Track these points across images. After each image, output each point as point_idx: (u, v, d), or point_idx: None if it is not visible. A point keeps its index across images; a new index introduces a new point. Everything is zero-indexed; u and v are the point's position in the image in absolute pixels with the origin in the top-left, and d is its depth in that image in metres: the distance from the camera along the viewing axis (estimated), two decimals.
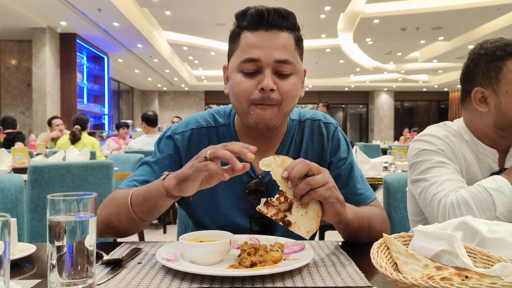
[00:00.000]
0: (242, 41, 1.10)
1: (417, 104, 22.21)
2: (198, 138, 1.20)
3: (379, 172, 3.27)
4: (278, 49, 1.07)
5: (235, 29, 1.13)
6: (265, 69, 1.06)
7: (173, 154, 1.19)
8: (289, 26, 1.10)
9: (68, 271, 0.63)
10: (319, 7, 9.06)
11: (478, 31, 10.78)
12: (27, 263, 0.91)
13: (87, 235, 0.65)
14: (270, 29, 1.08)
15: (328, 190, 0.90)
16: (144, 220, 1.06)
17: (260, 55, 1.06)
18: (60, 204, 0.65)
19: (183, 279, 0.79)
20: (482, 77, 1.28)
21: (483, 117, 1.31)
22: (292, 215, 0.90)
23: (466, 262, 0.68)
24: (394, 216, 1.69)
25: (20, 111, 10.56)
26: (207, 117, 1.23)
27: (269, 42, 1.07)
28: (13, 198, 1.61)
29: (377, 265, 0.66)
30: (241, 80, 1.08)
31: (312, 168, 0.90)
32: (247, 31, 1.09)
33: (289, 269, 0.80)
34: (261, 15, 1.07)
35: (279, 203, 0.90)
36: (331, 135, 1.25)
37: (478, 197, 1.15)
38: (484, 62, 1.28)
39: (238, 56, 1.09)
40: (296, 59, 1.10)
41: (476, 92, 1.30)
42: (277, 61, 1.06)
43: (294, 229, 0.91)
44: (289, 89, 1.08)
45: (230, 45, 1.15)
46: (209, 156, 0.89)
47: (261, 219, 1.20)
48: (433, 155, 1.30)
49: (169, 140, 1.21)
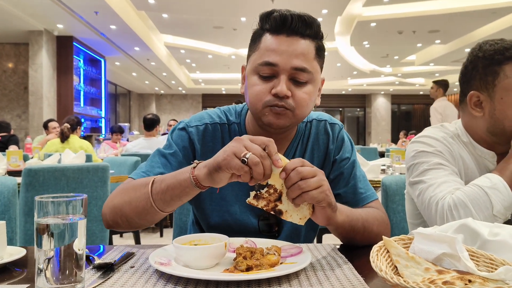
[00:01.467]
0: (262, 43, 1.08)
1: (414, 107, 22.26)
2: (212, 133, 1.19)
3: (377, 175, 3.26)
4: (297, 56, 1.05)
5: (257, 29, 1.12)
6: (281, 74, 1.05)
7: (187, 146, 1.17)
8: (311, 34, 1.08)
9: (56, 276, 0.61)
10: (316, 11, 9.08)
11: (474, 34, 10.82)
12: (16, 267, 0.89)
13: (76, 238, 0.63)
14: (291, 35, 1.06)
15: (322, 193, 0.89)
16: (162, 210, 1.00)
17: (277, 60, 1.05)
18: (48, 206, 0.63)
19: (176, 283, 0.77)
20: (479, 80, 1.26)
21: (477, 121, 1.29)
22: (282, 204, 0.90)
23: (469, 265, 0.66)
24: (393, 219, 1.68)
25: (17, 114, 10.51)
26: (219, 114, 1.23)
27: (289, 48, 1.05)
28: (5, 201, 1.59)
29: (377, 269, 0.64)
30: (256, 82, 1.08)
31: (306, 174, 0.88)
32: (269, 33, 1.08)
33: (286, 273, 0.78)
34: (284, 20, 1.05)
35: (269, 195, 0.89)
36: (336, 135, 1.26)
37: (474, 197, 1.13)
38: (482, 66, 1.26)
39: (256, 58, 1.08)
40: (314, 68, 1.09)
41: (471, 95, 1.28)
42: (294, 68, 1.05)
43: (286, 217, 0.90)
44: (303, 97, 1.07)
45: (251, 45, 1.14)
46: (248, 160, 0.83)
47: (267, 220, 1.20)
48: (431, 157, 1.28)
49: (182, 132, 1.19)
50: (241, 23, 9.92)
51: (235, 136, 1.17)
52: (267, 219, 1.20)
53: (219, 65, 15.16)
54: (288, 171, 0.87)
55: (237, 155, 0.84)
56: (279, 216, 0.90)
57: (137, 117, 20.55)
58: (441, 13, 9.26)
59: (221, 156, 0.87)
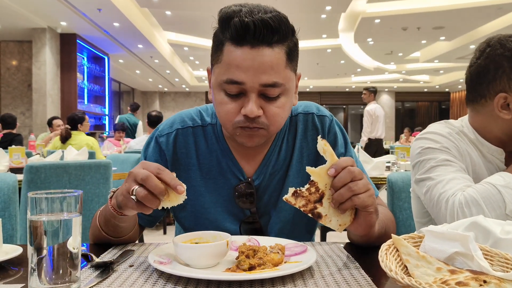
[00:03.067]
0: (225, 54, 0.95)
1: (418, 105, 22.14)
2: (184, 139, 1.12)
3: (382, 171, 3.23)
4: (265, 71, 0.92)
5: (218, 33, 0.98)
6: (249, 93, 0.94)
7: (159, 159, 1.12)
8: (280, 39, 0.93)
9: (49, 276, 0.58)
10: (320, 7, 9.03)
11: (480, 31, 10.74)
12: (12, 266, 0.86)
13: (71, 237, 0.60)
14: (256, 45, 0.91)
15: (370, 197, 0.82)
16: (118, 237, 1.01)
17: (243, 78, 0.92)
18: (42, 203, 0.60)
19: (176, 283, 0.74)
20: (508, 81, 1.18)
21: (501, 122, 1.22)
22: (323, 207, 0.82)
23: (483, 265, 0.62)
24: (399, 217, 1.64)
25: (20, 111, 10.53)
26: (194, 116, 1.15)
27: (255, 62, 0.91)
28: (6, 198, 1.57)
29: (386, 269, 0.60)
30: (224, 100, 0.97)
31: (357, 174, 0.81)
32: (231, 44, 0.93)
33: (290, 273, 0.75)
34: (246, 28, 0.90)
35: (309, 194, 0.82)
36: (327, 128, 1.16)
37: (487, 195, 1.09)
38: (509, 65, 1.17)
39: (220, 71, 0.96)
40: (286, 77, 0.96)
41: (499, 97, 1.19)
42: (263, 85, 0.93)
43: (324, 222, 0.83)
44: (276, 112, 0.97)
45: (213, 50, 1.00)
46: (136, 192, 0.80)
47: (251, 224, 1.13)
48: (438, 153, 1.24)
49: (154, 144, 1.13)
50: None
51: (211, 139, 1.13)
52: (251, 223, 1.12)
53: None
54: (339, 169, 0.81)
55: (129, 192, 0.81)
56: (316, 219, 0.83)
57: (141, 115, 20.54)
58: (446, 9, 9.19)
59: (119, 195, 0.85)
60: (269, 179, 1.13)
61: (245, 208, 1.12)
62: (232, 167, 1.11)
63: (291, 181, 1.13)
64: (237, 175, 1.11)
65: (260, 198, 1.12)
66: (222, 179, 1.11)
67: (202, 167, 1.12)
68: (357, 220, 0.86)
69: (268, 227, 1.14)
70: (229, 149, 1.11)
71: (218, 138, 1.12)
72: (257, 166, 1.12)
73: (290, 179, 1.13)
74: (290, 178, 1.13)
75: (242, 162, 1.12)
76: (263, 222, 1.14)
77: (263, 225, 1.14)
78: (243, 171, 1.11)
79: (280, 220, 1.13)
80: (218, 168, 1.11)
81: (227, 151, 1.11)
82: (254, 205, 1.12)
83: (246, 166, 1.12)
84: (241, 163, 1.12)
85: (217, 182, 1.11)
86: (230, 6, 0.95)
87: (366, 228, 0.87)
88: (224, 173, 1.11)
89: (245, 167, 1.12)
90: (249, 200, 1.11)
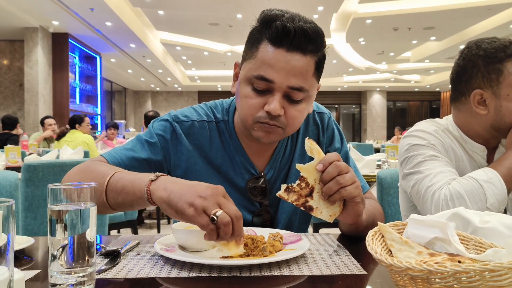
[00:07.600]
0: (260, 51, 1.01)
1: (409, 104, 22.34)
2: (199, 131, 1.16)
3: (373, 169, 3.30)
4: (295, 75, 0.99)
5: (256, 31, 1.04)
6: (276, 92, 1.00)
7: (168, 139, 1.13)
8: (314, 49, 1.01)
9: (69, 263, 0.64)
10: (312, 7, 9.10)
11: (470, 31, 10.89)
12: (24, 256, 0.92)
13: (89, 225, 0.66)
14: (292, 50, 0.98)
15: (357, 188, 0.90)
16: (112, 208, 0.96)
17: (274, 77, 0.99)
18: (61, 194, 0.66)
19: (181, 268, 0.81)
20: (482, 79, 1.27)
21: (479, 118, 1.31)
22: (313, 200, 0.89)
23: (459, 248, 0.70)
24: (388, 211, 1.72)
25: (12, 111, 10.46)
26: (207, 111, 1.20)
27: (287, 65, 0.98)
28: (8, 195, 1.61)
29: (372, 251, 0.67)
30: (250, 94, 1.03)
31: (343, 168, 0.89)
32: (269, 43, 1.00)
33: (285, 258, 0.82)
34: (286, 32, 0.97)
35: (300, 189, 0.89)
36: (326, 125, 1.25)
37: (470, 189, 1.17)
38: (483, 64, 1.26)
39: (252, 67, 1.02)
40: (311, 85, 1.04)
41: (475, 94, 1.29)
42: (290, 87, 1.00)
43: (316, 214, 0.90)
44: (296, 115, 1.04)
45: (248, 46, 1.06)
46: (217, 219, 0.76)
47: (261, 216, 1.19)
48: (425, 149, 1.32)
49: (167, 123, 1.15)
50: (237, 20, 9.92)
51: (224, 135, 1.16)
52: (260, 215, 1.19)
53: (215, 62, 15.15)
54: (326, 164, 0.88)
55: (207, 211, 0.78)
56: (308, 212, 0.90)
57: (133, 114, 20.52)
58: (436, 10, 9.31)
59: (186, 205, 0.78)
60: (278, 173, 1.21)
61: (257, 201, 1.19)
62: (245, 162, 1.17)
63: (294, 174, 1.21)
64: (249, 170, 1.18)
65: (271, 192, 1.19)
66: (234, 174, 1.17)
67: (214, 161, 1.16)
68: (345, 210, 0.93)
69: (277, 218, 1.21)
70: (241, 145, 1.18)
71: (231, 135, 1.18)
72: (266, 162, 1.20)
73: (293, 172, 1.21)
74: (293, 171, 1.21)
75: (253, 157, 1.18)
76: (272, 214, 1.21)
77: (273, 217, 1.21)
78: (255, 166, 1.18)
79: (285, 211, 1.21)
80: (230, 163, 1.17)
81: (239, 147, 1.18)
82: (267, 198, 1.19)
83: (256, 161, 1.19)
84: (252, 158, 1.18)
85: (229, 177, 1.17)
86: (272, 9, 1.03)
87: (354, 217, 0.95)
88: (236, 168, 1.17)
89: (257, 162, 1.19)
90: (262, 193, 1.18)
